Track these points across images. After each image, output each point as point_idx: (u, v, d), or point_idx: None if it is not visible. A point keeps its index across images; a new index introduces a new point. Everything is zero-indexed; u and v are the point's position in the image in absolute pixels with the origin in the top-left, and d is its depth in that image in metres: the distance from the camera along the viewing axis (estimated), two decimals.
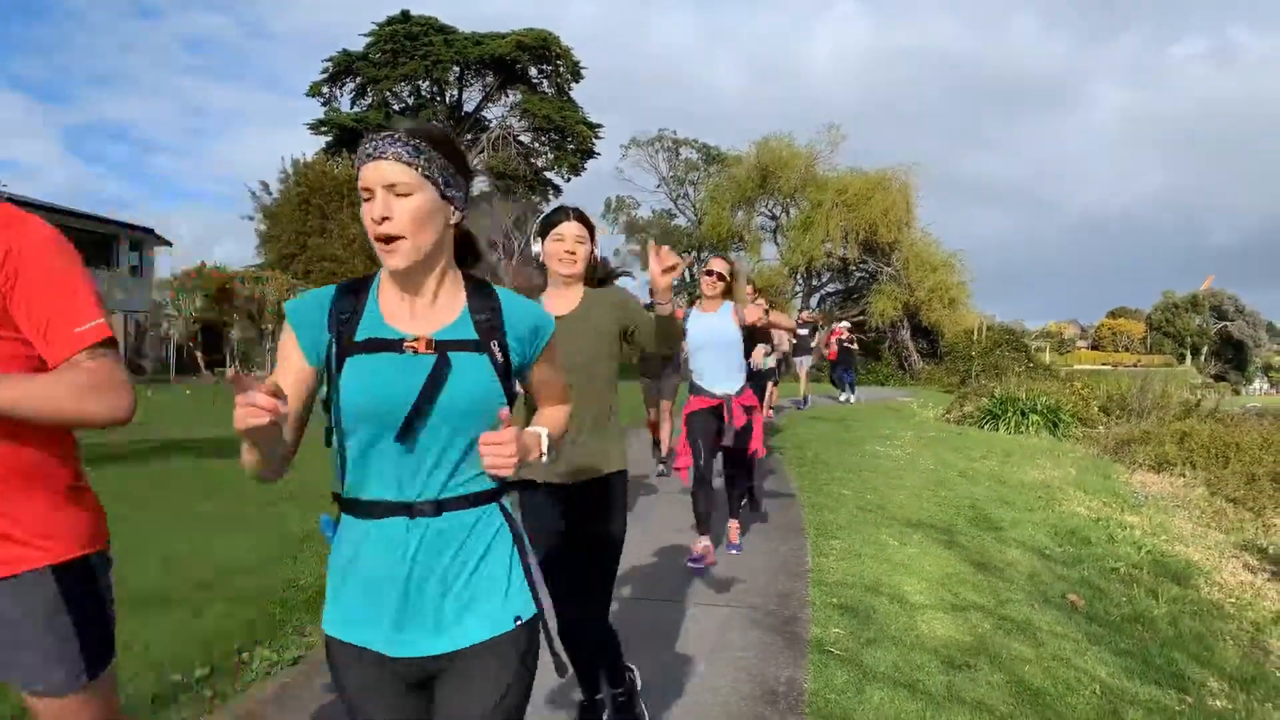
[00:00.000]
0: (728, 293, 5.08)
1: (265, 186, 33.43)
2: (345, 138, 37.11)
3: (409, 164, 1.39)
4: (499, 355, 1.49)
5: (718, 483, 5.33)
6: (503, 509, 1.53)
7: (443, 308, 1.50)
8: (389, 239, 1.41)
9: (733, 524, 5.57)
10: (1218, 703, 3.63)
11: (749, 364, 5.34)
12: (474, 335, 1.48)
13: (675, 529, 5.82)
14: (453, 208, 1.47)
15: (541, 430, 1.58)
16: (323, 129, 38.04)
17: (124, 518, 5.61)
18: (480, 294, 1.54)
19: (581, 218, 2.68)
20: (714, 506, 5.15)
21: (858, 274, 42.04)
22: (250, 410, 1.18)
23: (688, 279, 33.85)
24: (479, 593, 1.47)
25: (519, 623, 1.50)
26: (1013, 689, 3.41)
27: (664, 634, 3.85)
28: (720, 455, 5.27)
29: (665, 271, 2.29)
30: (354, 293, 1.50)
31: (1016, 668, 3.64)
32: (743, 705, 3.15)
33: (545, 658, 1.57)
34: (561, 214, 2.68)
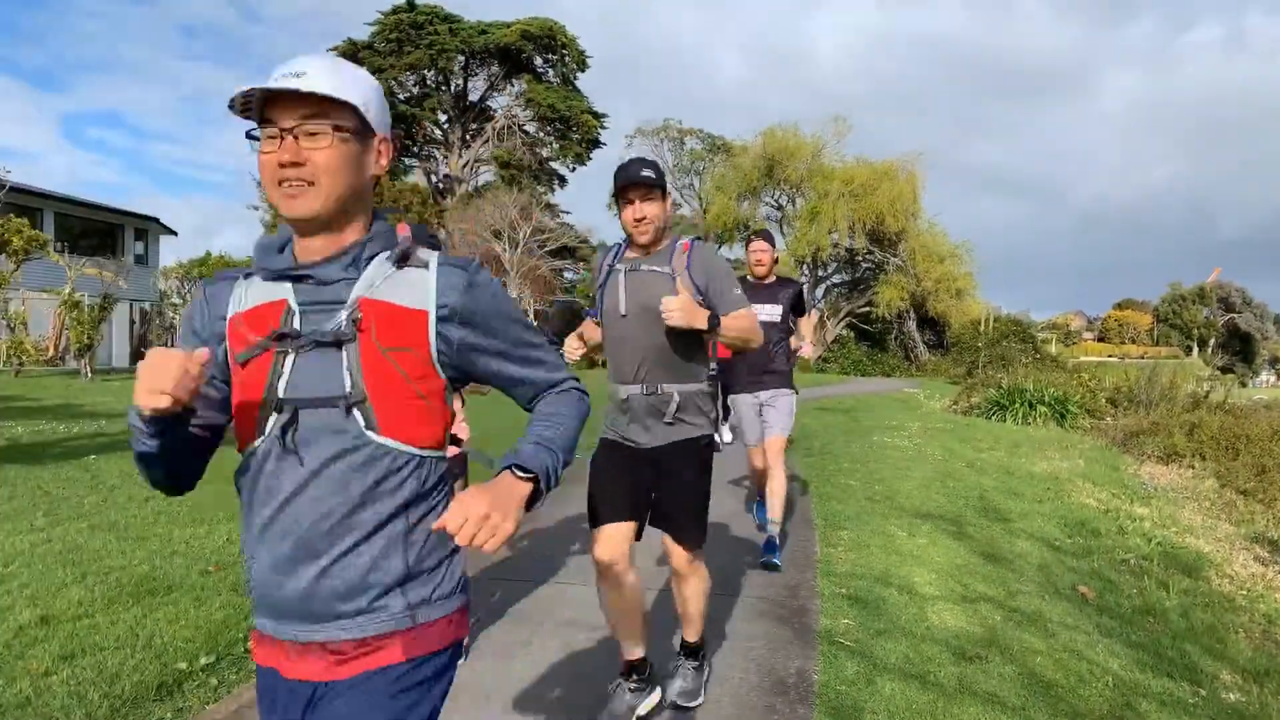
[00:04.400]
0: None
1: None
2: None
3: None
4: None
5: None
6: None
7: None
8: None
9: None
10: (1231, 695, 3.59)
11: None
12: None
13: None
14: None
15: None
16: None
17: (130, 505, 5.60)
18: None
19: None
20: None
21: (864, 264, 41.87)
22: None
23: None
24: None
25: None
26: (1024, 681, 3.37)
27: (673, 624, 3.82)
28: None
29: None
30: None
31: (1028, 660, 3.60)
32: (752, 696, 3.12)
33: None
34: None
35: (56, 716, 2.74)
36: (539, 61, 39.58)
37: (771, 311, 4.94)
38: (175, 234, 31.68)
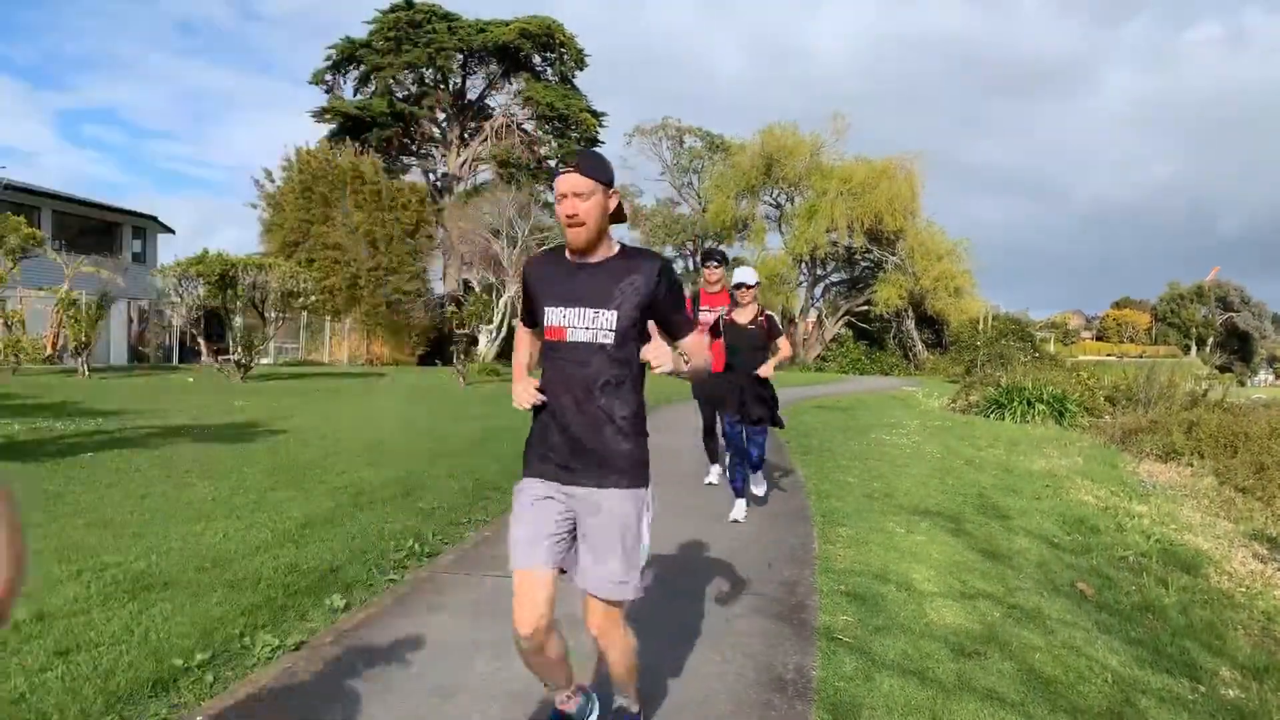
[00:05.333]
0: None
1: (268, 174, 33.29)
2: (348, 126, 36.98)
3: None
4: None
5: None
6: None
7: None
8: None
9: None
10: (1230, 692, 3.58)
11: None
12: None
13: (683, 514, 5.78)
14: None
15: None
16: (326, 117, 37.91)
17: (126, 502, 5.58)
18: None
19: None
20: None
21: (863, 263, 41.89)
22: None
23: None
24: None
25: None
26: (1023, 678, 3.36)
27: (672, 621, 3.81)
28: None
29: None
30: None
31: (1027, 656, 3.59)
32: (750, 693, 3.11)
33: None
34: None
35: (51, 713, 2.73)
36: (537, 60, 39.54)
37: (597, 323, 2.28)
38: (173, 232, 31.68)
